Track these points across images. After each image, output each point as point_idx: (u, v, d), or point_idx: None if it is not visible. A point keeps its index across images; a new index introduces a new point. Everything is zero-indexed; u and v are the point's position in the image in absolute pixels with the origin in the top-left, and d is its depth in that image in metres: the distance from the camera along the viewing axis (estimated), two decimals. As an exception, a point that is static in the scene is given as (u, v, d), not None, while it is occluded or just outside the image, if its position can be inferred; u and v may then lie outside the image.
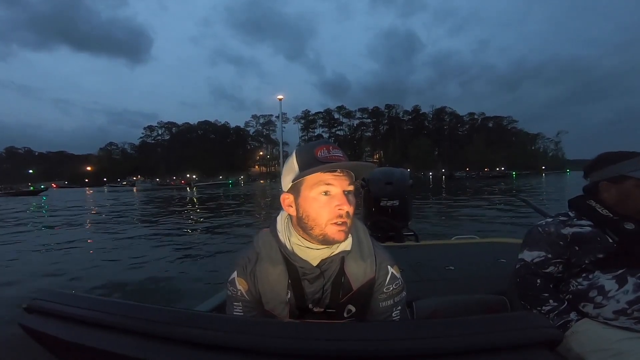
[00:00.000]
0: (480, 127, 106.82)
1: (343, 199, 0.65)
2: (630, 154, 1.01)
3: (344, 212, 0.65)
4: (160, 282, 4.06)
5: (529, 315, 0.51)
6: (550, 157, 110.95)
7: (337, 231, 0.65)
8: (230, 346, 0.41)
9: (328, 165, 0.64)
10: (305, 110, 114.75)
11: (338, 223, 0.65)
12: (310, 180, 0.66)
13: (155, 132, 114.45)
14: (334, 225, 0.65)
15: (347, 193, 0.67)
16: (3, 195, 33.65)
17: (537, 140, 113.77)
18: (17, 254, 5.80)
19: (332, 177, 0.66)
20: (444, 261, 1.83)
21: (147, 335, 0.45)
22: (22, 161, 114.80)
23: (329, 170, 0.65)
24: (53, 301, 0.55)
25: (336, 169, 0.66)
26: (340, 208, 0.65)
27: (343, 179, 0.66)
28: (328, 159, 0.65)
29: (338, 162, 0.65)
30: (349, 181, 0.67)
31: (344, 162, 0.66)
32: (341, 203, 0.65)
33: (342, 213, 0.65)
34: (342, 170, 0.66)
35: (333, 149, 0.68)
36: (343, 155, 0.68)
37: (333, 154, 0.67)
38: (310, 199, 0.67)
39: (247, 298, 0.72)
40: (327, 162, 0.65)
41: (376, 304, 0.73)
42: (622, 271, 0.93)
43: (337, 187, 0.66)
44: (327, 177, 0.66)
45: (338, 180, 0.66)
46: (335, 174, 0.66)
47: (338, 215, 0.65)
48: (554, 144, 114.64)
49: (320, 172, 0.65)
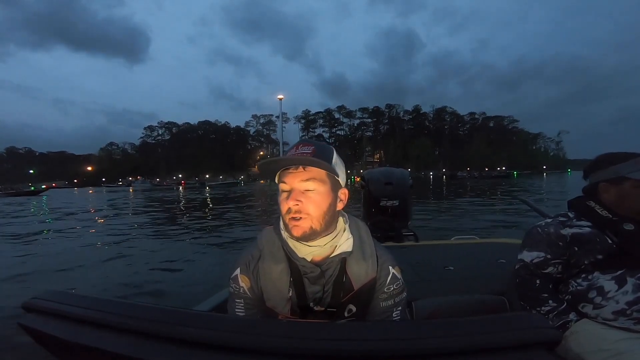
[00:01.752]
0: (481, 126, 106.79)
1: (291, 195, 0.66)
2: (630, 155, 1.01)
3: (292, 207, 0.66)
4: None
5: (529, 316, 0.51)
6: (551, 157, 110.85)
7: (292, 226, 0.67)
8: (230, 346, 0.41)
9: (266, 161, 0.67)
10: (306, 110, 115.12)
11: (293, 218, 0.66)
12: (278, 178, 0.70)
13: (156, 132, 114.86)
14: (290, 220, 0.67)
15: (304, 189, 0.67)
16: (3, 196, 33.66)
17: (538, 140, 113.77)
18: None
19: (286, 173, 0.68)
20: (444, 261, 1.82)
21: (146, 335, 0.45)
22: (23, 161, 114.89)
23: (285, 167, 0.68)
24: (52, 300, 0.55)
25: (287, 165, 0.68)
26: (287, 204, 0.66)
27: (297, 176, 0.67)
28: (292, 157, 0.67)
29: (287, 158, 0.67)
30: (305, 177, 0.67)
31: (282, 157, 0.67)
32: (289, 199, 0.66)
33: (289, 208, 0.66)
34: (299, 167, 0.67)
35: (303, 146, 0.69)
36: (312, 152, 0.68)
37: (300, 151, 0.68)
38: (279, 195, 0.70)
39: (249, 295, 0.73)
40: (286, 159, 0.67)
41: (377, 304, 0.73)
42: (621, 272, 0.93)
43: (288, 184, 0.67)
44: (283, 174, 0.68)
45: (290, 177, 0.67)
46: (289, 171, 0.67)
47: (287, 210, 0.67)
48: (555, 144, 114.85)
49: (278, 170, 0.69)
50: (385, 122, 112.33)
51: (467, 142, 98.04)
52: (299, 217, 0.66)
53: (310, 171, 0.67)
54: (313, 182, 0.67)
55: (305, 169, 0.67)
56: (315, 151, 0.68)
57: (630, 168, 0.98)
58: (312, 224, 0.67)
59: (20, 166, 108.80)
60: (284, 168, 0.68)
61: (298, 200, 0.66)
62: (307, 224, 0.67)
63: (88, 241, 6.71)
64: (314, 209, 0.67)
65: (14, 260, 5.21)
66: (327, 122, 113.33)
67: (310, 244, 0.69)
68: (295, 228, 0.67)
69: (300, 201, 0.66)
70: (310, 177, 0.67)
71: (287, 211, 0.67)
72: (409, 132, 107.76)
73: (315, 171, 0.67)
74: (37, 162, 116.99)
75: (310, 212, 0.67)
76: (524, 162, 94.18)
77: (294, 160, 0.66)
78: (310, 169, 0.67)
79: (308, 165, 0.67)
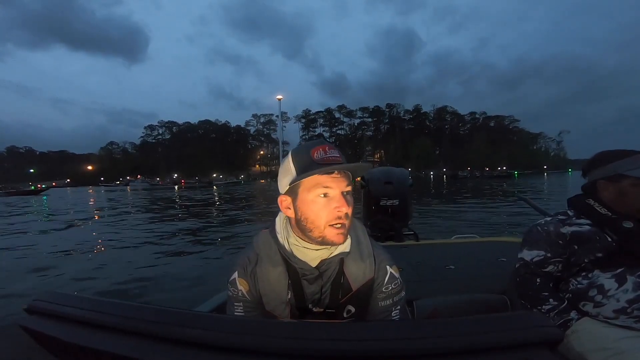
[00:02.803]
0: (481, 126, 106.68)
1: (342, 201, 0.65)
2: (628, 152, 1.01)
3: (343, 213, 0.65)
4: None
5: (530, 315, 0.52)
6: (552, 156, 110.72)
7: (336, 234, 0.65)
8: (230, 346, 0.42)
9: (326, 168, 0.64)
10: (306, 109, 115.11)
11: (337, 225, 0.65)
12: (308, 183, 0.66)
13: (156, 131, 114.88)
14: (333, 227, 0.65)
15: (345, 194, 0.66)
16: (3, 195, 33.66)
17: (538, 139, 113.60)
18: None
19: (330, 179, 0.65)
20: (444, 260, 1.82)
21: (147, 336, 0.45)
22: (24, 160, 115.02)
23: (327, 172, 0.65)
24: (53, 302, 0.55)
25: (334, 170, 0.65)
26: (339, 210, 0.65)
27: (341, 180, 0.66)
28: (325, 161, 0.65)
29: (335, 163, 0.65)
30: (346, 182, 0.67)
31: (342, 164, 0.65)
32: (340, 205, 0.65)
33: (340, 215, 0.65)
34: (340, 171, 0.66)
35: (329, 149, 0.67)
36: (340, 155, 0.67)
37: (330, 154, 0.66)
38: (309, 202, 0.66)
39: (248, 298, 0.73)
40: (324, 163, 0.64)
41: (375, 304, 0.73)
42: (621, 270, 0.92)
43: (335, 189, 0.65)
44: (324, 179, 0.65)
45: (336, 182, 0.65)
46: (332, 176, 0.65)
47: (337, 217, 0.65)
48: (556, 144, 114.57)
49: (318, 174, 0.64)
50: (385, 122, 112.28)
51: (468, 142, 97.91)
52: (344, 222, 0.66)
53: (348, 175, 0.68)
54: (350, 186, 0.68)
55: (345, 173, 0.67)
56: (340, 154, 0.68)
57: (629, 165, 0.98)
58: (349, 228, 0.68)
59: (20, 165, 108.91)
60: (326, 173, 0.65)
61: (348, 206, 0.66)
62: (347, 229, 0.67)
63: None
64: (350, 212, 0.67)
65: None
66: (327, 122, 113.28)
67: (319, 247, 0.69)
68: (339, 236, 0.65)
69: (349, 207, 0.66)
70: (349, 181, 0.67)
71: (335, 218, 0.65)
72: (409, 131, 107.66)
73: (349, 175, 0.68)
74: (38, 162, 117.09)
75: (350, 217, 0.67)
76: (525, 162, 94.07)
77: (349, 165, 0.66)
78: (347, 173, 0.67)
79: (355, 170, 0.68)
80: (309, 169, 0.64)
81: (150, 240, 6.79)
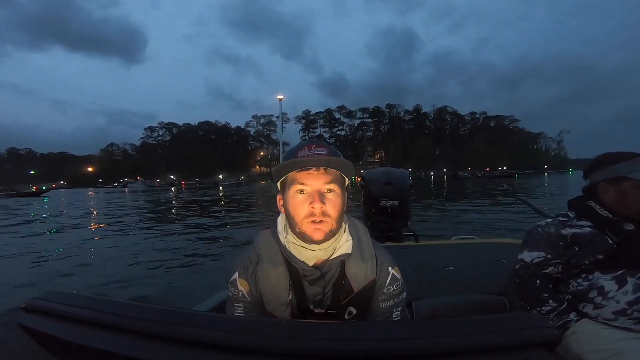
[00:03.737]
0: (481, 126, 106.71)
1: (315, 197, 0.65)
2: (629, 154, 1.01)
3: (316, 210, 0.65)
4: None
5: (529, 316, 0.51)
6: (552, 156, 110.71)
7: (313, 229, 0.65)
8: (230, 346, 0.41)
9: (291, 162, 0.65)
10: (306, 110, 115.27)
11: (314, 221, 0.65)
12: (289, 179, 0.68)
13: (156, 132, 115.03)
14: (310, 223, 0.65)
15: (325, 191, 0.66)
16: (3, 197, 33.61)
17: (539, 139, 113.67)
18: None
19: (306, 175, 0.66)
20: (444, 261, 1.82)
21: (146, 335, 0.45)
22: (24, 162, 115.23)
23: (304, 169, 0.65)
24: (51, 300, 0.55)
25: (309, 166, 0.65)
26: (312, 206, 0.65)
27: (318, 177, 0.65)
28: (306, 158, 0.65)
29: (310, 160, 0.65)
30: (327, 179, 0.66)
31: (308, 159, 0.65)
32: (312, 201, 0.65)
33: (313, 211, 0.65)
34: (320, 168, 0.65)
35: (316, 147, 0.67)
36: (328, 153, 0.67)
37: (314, 152, 0.66)
38: (290, 197, 0.67)
39: (248, 299, 0.72)
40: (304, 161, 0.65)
41: (377, 305, 0.73)
42: (621, 272, 0.93)
43: (310, 186, 0.66)
44: (300, 176, 0.66)
45: (312, 179, 0.65)
46: (309, 172, 0.65)
47: (310, 213, 0.65)
48: (556, 144, 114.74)
49: (294, 170, 0.66)
50: (385, 122, 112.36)
51: (468, 142, 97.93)
52: (320, 220, 0.65)
53: (331, 172, 0.66)
54: (333, 183, 0.66)
55: (326, 170, 0.66)
56: (329, 152, 0.67)
57: (630, 168, 0.98)
58: (332, 227, 0.66)
59: (21, 167, 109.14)
60: (301, 169, 0.66)
61: (322, 202, 0.65)
62: (328, 227, 0.66)
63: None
64: (333, 211, 0.66)
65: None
66: (327, 122, 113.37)
67: (315, 247, 0.68)
68: (317, 232, 0.65)
69: (324, 203, 0.65)
70: (331, 179, 0.66)
71: (309, 214, 0.65)
72: (409, 132, 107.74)
73: (335, 173, 0.67)
74: (38, 163, 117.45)
75: (331, 215, 0.66)
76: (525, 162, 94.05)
77: (321, 160, 0.65)
78: (330, 170, 0.66)
79: (334, 167, 0.66)
80: (287, 166, 0.66)
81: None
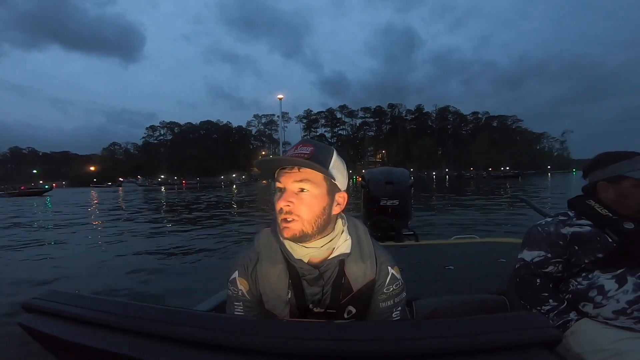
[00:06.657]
0: (484, 126, 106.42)
1: (283, 195, 0.66)
2: (629, 154, 1.01)
3: (283, 208, 0.65)
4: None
5: (529, 315, 0.52)
6: (555, 156, 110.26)
7: (283, 227, 0.66)
8: (230, 346, 0.42)
9: (265, 159, 0.67)
10: (308, 109, 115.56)
11: (284, 219, 0.66)
12: (275, 177, 0.70)
13: (158, 131, 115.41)
14: (281, 221, 0.66)
15: (297, 190, 0.66)
16: (6, 196, 33.63)
17: (542, 139, 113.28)
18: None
19: (282, 173, 0.67)
20: (444, 261, 1.82)
21: (146, 335, 0.45)
22: (27, 161, 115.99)
23: (282, 167, 0.67)
24: (52, 300, 0.55)
25: (281, 165, 0.67)
26: (279, 204, 0.66)
27: (291, 176, 0.66)
28: (289, 156, 0.66)
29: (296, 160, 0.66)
30: (298, 178, 0.66)
31: (275, 158, 0.67)
32: (281, 199, 0.66)
33: (281, 208, 0.66)
34: (294, 167, 0.66)
35: (302, 146, 0.68)
36: (310, 152, 0.66)
37: (297, 151, 0.67)
38: (275, 195, 0.70)
39: (248, 298, 0.72)
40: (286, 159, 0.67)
41: (376, 305, 0.73)
42: (621, 271, 0.92)
43: (283, 184, 0.67)
44: (278, 174, 0.68)
45: (286, 177, 0.66)
46: (284, 170, 0.67)
47: (279, 210, 0.66)
48: (560, 144, 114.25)
49: (278, 168, 0.68)
50: (387, 122, 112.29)
51: (471, 142, 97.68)
52: (290, 218, 0.65)
53: (305, 172, 0.66)
54: (306, 183, 0.65)
55: (300, 169, 0.66)
56: (313, 152, 0.66)
57: (629, 167, 0.98)
58: (302, 227, 0.66)
59: (23, 166, 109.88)
60: (281, 168, 0.67)
61: (289, 201, 0.65)
62: (297, 226, 0.65)
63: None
64: (305, 211, 0.65)
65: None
66: (329, 122, 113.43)
67: (307, 245, 0.69)
68: (285, 229, 0.65)
69: (291, 202, 0.65)
70: (304, 178, 0.66)
71: (279, 211, 0.66)
72: (411, 131, 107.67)
73: (311, 172, 0.66)
74: (41, 162, 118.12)
75: (302, 214, 0.65)
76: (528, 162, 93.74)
77: (286, 160, 0.66)
78: (305, 170, 0.66)
79: (301, 167, 0.66)
80: (262, 163, 0.68)
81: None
